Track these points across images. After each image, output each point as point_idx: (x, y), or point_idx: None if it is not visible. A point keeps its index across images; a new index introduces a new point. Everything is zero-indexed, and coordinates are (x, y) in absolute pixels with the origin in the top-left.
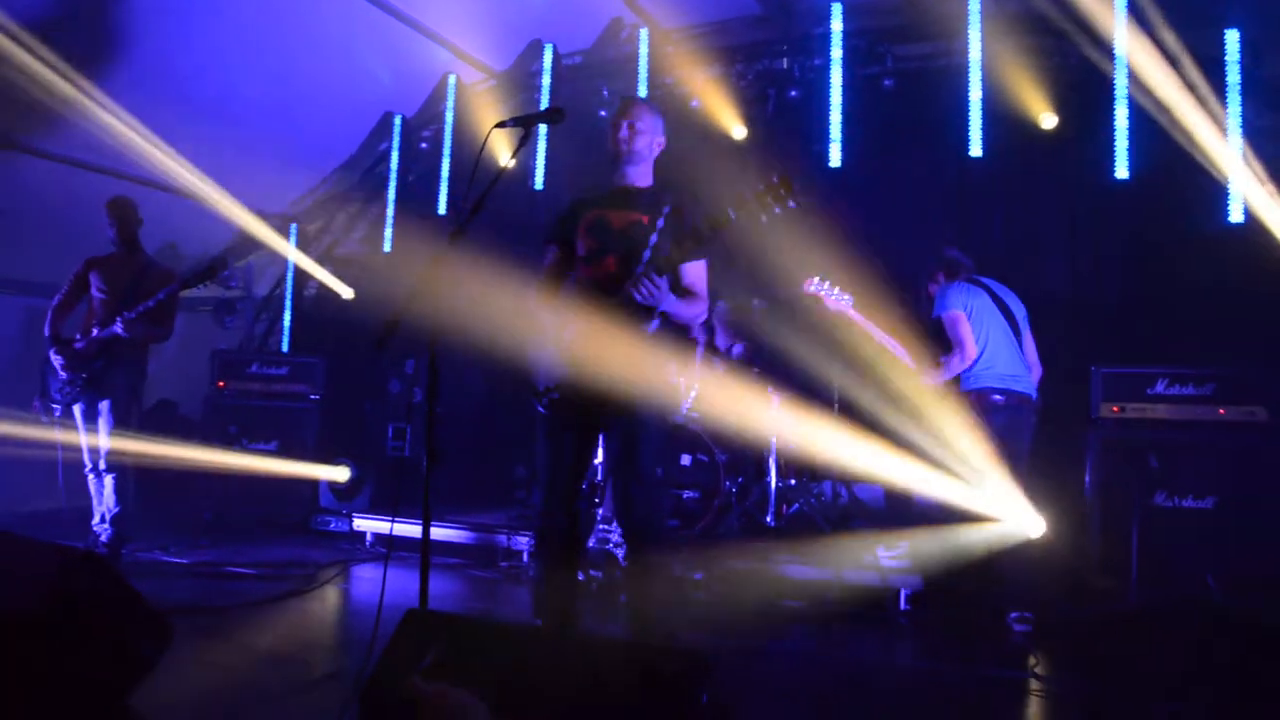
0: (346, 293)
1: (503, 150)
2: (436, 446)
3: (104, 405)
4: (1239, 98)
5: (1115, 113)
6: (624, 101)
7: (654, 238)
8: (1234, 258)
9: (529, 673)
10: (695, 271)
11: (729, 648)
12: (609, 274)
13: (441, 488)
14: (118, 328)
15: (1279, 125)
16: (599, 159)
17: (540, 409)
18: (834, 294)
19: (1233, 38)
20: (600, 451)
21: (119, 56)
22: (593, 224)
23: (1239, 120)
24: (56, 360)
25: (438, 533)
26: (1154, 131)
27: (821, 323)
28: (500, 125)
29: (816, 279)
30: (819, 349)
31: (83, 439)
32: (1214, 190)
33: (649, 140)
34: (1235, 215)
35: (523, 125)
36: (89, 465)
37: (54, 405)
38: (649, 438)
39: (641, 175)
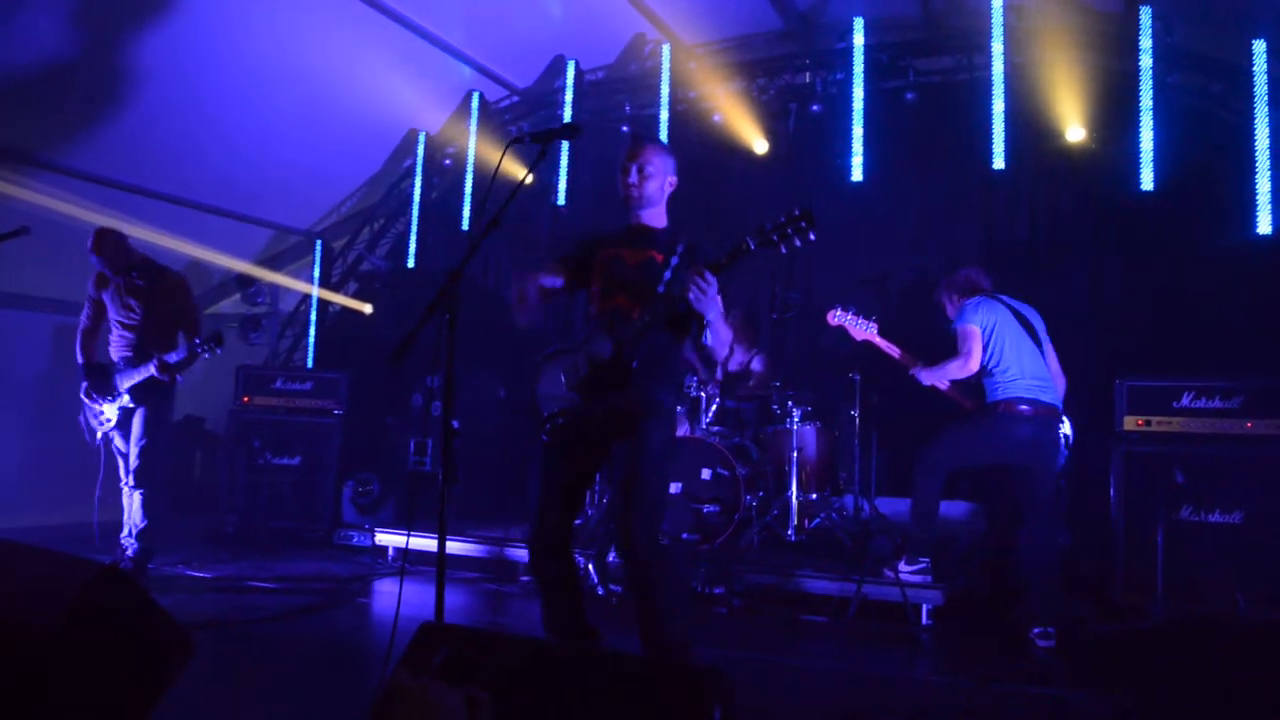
0: (365, 309)
1: (522, 166)
2: (452, 463)
3: (136, 420)
4: (1266, 108)
5: (1140, 124)
6: (633, 143)
7: (667, 274)
8: (1261, 269)
9: (541, 688)
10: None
11: (748, 662)
12: (619, 307)
13: (462, 501)
14: (154, 371)
15: None
16: (627, 214)
17: (544, 437)
18: (859, 323)
19: (1259, 48)
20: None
21: (144, 76)
22: (607, 261)
23: (1266, 131)
24: (89, 395)
25: (457, 547)
26: (1179, 142)
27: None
28: (516, 141)
29: (839, 309)
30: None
31: (119, 457)
32: (1241, 201)
33: (660, 183)
34: (1263, 227)
35: (540, 141)
36: (124, 480)
37: (95, 428)
38: (651, 471)
39: (655, 216)
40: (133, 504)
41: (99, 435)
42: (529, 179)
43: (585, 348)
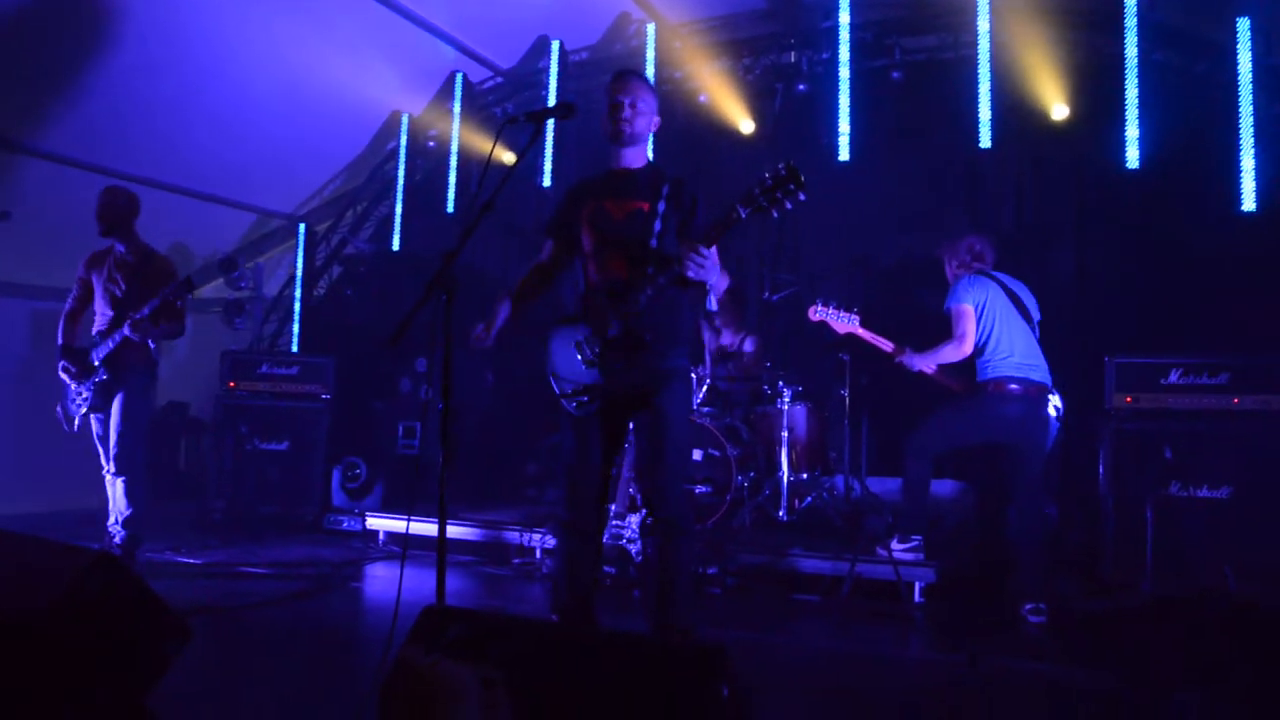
0: None
1: (504, 147)
2: (451, 444)
3: (115, 407)
4: (1250, 85)
5: (1125, 101)
6: (621, 78)
7: (657, 224)
8: (1246, 246)
9: (549, 667)
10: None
11: (742, 642)
12: (619, 278)
13: (453, 485)
14: (127, 330)
15: None
16: (607, 156)
17: (570, 409)
18: (840, 316)
19: (1244, 26)
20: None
21: (124, 57)
22: (594, 216)
23: (1250, 108)
24: (67, 372)
25: (450, 530)
26: (1164, 120)
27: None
28: (512, 121)
29: (820, 304)
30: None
31: (98, 443)
32: (1225, 178)
33: (648, 120)
34: (1248, 203)
35: (535, 120)
36: (105, 467)
37: (73, 414)
38: (676, 434)
39: (637, 156)
40: (116, 491)
41: (76, 422)
42: (508, 156)
43: (593, 323)
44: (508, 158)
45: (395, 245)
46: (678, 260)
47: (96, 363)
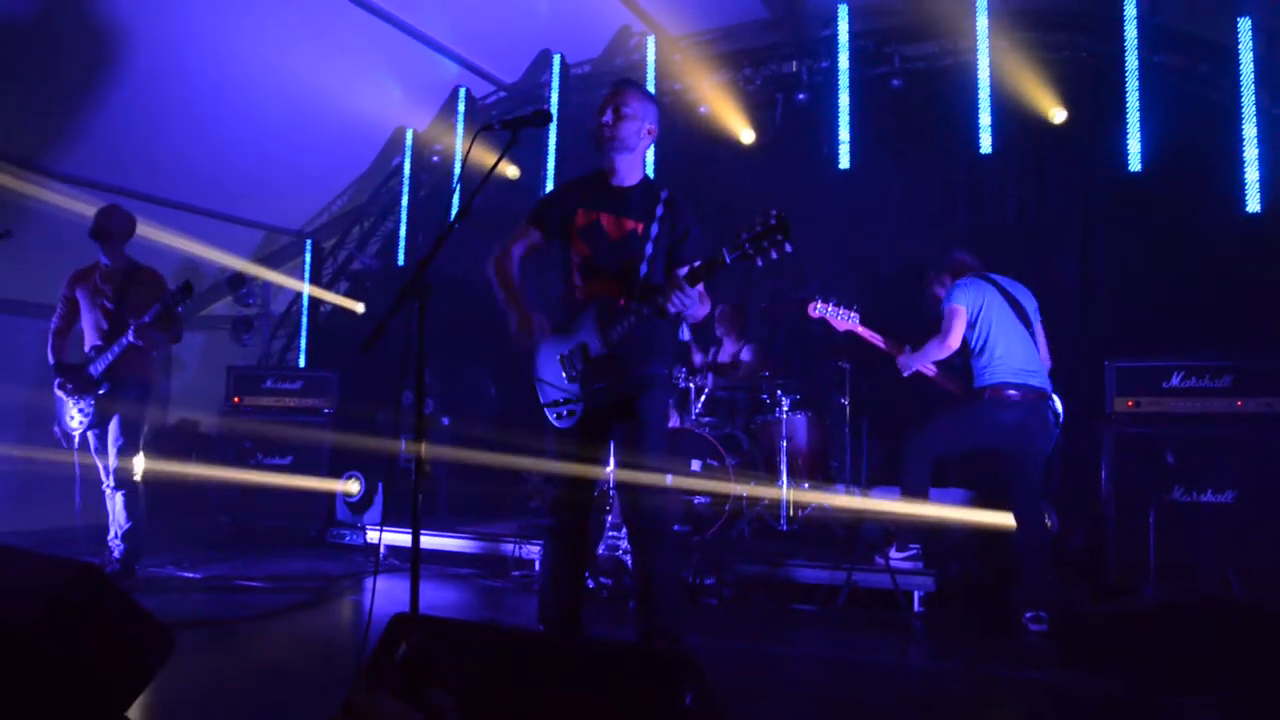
0: (357, 308)
1: (507, 161)
2: (427, 454)
3: (113, 422)
4: (1253, 86)
5: (1126, 104)
6: (614, 86)
7: (649, 248)
8: (1249, 248)
9: (512, 677)
10: None
11: (739, 652)
12: (606, 300)
13: (455, 498)
14: (130, 336)
15: None
16: (599, 164)
17: (551, 418)
18: (840, 313)
19: (1245, 26)
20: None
21: (129, 78)
22: (587, 229)
23: (1253, 109)
24: (64, 388)
25: (449, 543)
26: (1166, 122)
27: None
28: (486, 129)
29: (819, 301)
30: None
31: (96, 458)
32: (1228, 180)
33: (638, 127)
34: (1251, 205)
35: (510, 128)
36: (104, 482)
37: (70, 432)
38: (654, 442)
39: (630, 167)
40: (115, 506)
41: (76, 439)
42: (511, 170)
43: (577, 337)
44: (511, 171)
45: (400, 260)
46: (661, 293)
47: (97, 375)
